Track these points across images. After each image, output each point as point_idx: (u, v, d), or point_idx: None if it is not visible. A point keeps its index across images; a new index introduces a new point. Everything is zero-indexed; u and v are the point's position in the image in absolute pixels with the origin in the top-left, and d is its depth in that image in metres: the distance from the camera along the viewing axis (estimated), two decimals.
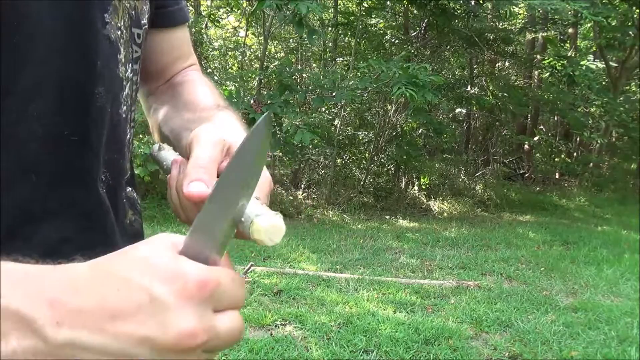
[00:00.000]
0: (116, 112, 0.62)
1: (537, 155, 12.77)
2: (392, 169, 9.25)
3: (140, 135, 5.87)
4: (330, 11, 9.19)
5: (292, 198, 7.67)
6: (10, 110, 0.51)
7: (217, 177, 0.52)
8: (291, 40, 10.13)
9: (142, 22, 0.67)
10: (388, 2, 9.58)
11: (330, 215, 7.31)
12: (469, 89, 10.38)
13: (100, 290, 0.37)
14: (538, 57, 11.09)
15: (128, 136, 0.67)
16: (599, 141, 11.09)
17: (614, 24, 9.27)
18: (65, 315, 0.36)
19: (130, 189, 0.71)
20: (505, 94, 10.58)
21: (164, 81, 0.81)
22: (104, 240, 0.62)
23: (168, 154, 0.65)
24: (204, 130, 0.57)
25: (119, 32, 0.61)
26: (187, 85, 0.78)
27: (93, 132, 0.59)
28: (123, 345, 0.36)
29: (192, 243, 0.40)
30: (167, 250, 0.40)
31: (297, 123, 6.49)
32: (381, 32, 9.91)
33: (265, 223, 0.44)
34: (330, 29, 9.18)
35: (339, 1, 9.48)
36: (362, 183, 8.49)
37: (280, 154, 7.99)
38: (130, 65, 0.65)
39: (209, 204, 0.42)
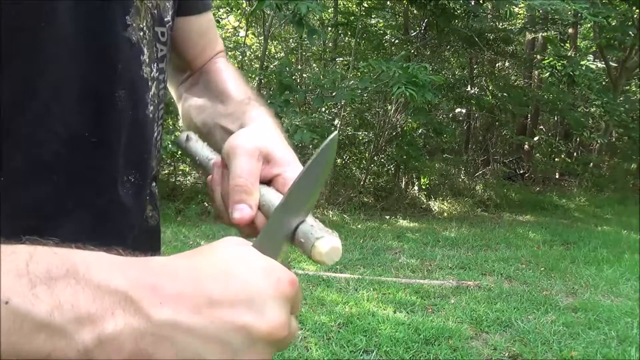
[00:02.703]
0: (142, 113, 0.63)
1: (537, 155, 12.77)
2: (392, 169, 9.25)
3: None
4: (330, 11, 9.19)
5: None
6: (33, 110, 0.52)
7: (260, 183, 0.56)
8: (291, 40, 10.13)
9: (166, 19, 0.68)
10: (388, 2, 9.58)
11: (330, 215, 7.31)
12: (469, 89, 10.38)
13: (198, 279, 0.39)
14: (538, 57, 11.08)
15: (155, 134, 0.67)
16: (599, 141, 11.10)
17: (614, 24, 9.26)
18: (166, 298, 0.37)
19: (154, 184, 0.71)
20: (505, 94, 10.58)
21: (195, 69, 0.81)
22: (117, 241, 0.62)
23: (197, 146, 0.66)
24: (239, 141, 0.58)
25: (142, 33, 0.62)
26: (216, 74, 0.79)
27: (112, 134, 0.59)
28: (221, 330, 0.38)
29: (260, 249, 0.44)
30: (252, 249, 0.43)
31: (297, 123, 6.48)
32: (381, 32, 9.91)
33: (327, 247, 0.46)
34: (330, 29, 9.18)
35: (339, 1, 9.48)
36: (362, 183, 8.49)
37: None
38: (155, 65, 0.65)
39: (274, 219, 0.48)
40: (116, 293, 0.36)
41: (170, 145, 5.69)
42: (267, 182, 0.57)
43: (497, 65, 12.15)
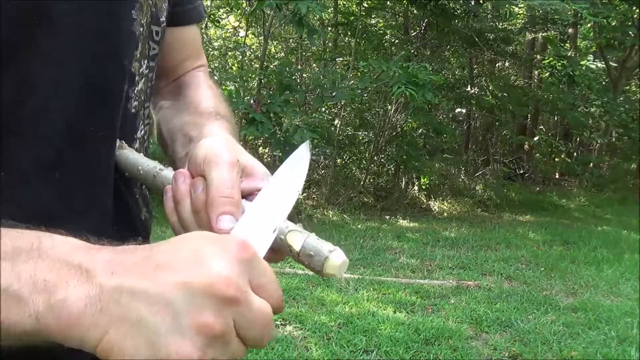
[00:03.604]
0: (126, 107, 0.63)
1: (537, 155, 12.76)
2: (392, 169, 9.24)
3: None
4: (330, 11, 9.19)
5: None
6: (32, 108, 0.52)
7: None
8: (291, 40, 10.13)
9: (161, 19, 0.68)
10: (388, 2, 9.58)
11: (330, 215, 7.31)
12: (469, 89, 10.38)
13: (151, 253, 0.41)
14: (538, 57, 11.08)
15: (142, 132, 0.67)
16: (599, 141, 11.09)
17: (614, 24, 9.26)
18: (118, 268, 0.40)
19: (144, 185, 0.71)
20: (505, 94, 10.57)
21: (172, 80, 0.81)
22: (126, 239, 0.63)
23: (136, 155, 0.62)
24: (218, 151, 0.54)
25: (141, 29, 0.62)
26: (192, 87, 0.78)
27: (117, 128, 0.59)
28: (162, 290, 0.38)
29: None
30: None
31: (297, 123, 6.48)
32: (381, 32, 9.91)
33: (340, 260, 0.47)
34: (330, 29, 9.18)
35: (339, 1, 9.48)
36: (362, 183, 8.48)
37: (280, 153, 8.00)
38: (145, 62, 0.65)
39: (259, 206, 0.50)
40: (73, 265, 0.39)
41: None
42: (245, 195, 0.54)
43: (497, 65, 12.15)
